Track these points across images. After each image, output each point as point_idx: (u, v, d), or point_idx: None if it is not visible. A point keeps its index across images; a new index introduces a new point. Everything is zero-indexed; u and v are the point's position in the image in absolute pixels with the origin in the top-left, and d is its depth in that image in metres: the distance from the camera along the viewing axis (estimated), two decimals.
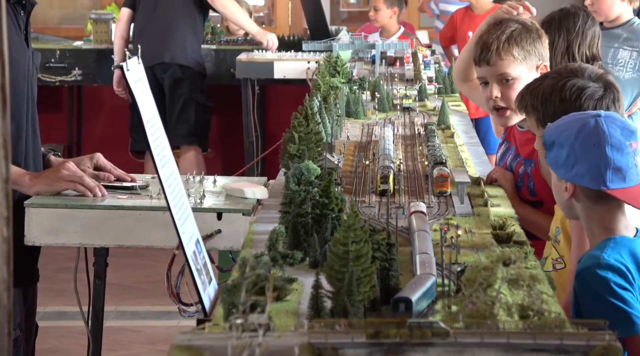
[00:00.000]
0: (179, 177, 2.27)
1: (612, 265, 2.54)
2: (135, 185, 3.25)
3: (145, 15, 7.64)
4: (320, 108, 3.73)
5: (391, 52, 6.53)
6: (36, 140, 3.37)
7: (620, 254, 2.58)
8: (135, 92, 2.13)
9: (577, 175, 2.63)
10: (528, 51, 3.59)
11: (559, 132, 2.69)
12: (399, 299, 1.92)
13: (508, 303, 1.78)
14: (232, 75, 7.54)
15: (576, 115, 2.74)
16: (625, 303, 2.52)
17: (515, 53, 3.58)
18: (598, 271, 2.54)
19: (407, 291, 1.96)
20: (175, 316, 5.95)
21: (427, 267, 2.13)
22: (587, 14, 4.60)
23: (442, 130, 4.17)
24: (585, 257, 2.63)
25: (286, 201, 2.59)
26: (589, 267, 2.56)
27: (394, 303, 1.93)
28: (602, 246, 2.60)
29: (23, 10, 3.30)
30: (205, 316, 2.14)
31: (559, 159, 2.66)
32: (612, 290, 2.52)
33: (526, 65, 3.58)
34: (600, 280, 2.53)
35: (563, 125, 2.70)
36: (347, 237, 1.93)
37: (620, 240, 2.62)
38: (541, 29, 3.69)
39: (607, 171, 2.60)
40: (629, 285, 2.55)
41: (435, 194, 3.02)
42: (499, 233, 2.61)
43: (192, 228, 2.25)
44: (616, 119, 2.68)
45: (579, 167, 2.62)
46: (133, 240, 3.09)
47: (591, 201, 2.64)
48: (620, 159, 2.61)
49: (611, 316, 2.48)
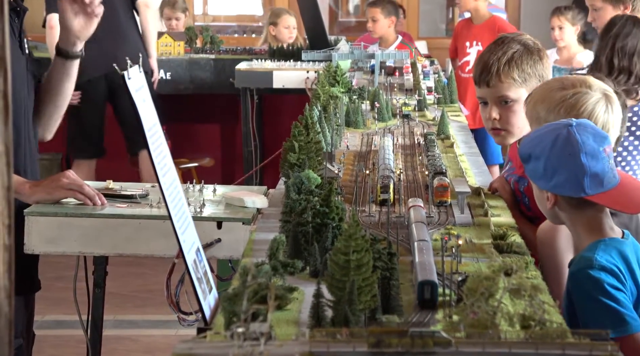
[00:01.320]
0: (180, 185, 2.27)
1: (604, 266, 2.60)
2: (135, 193, 3.25)
3: None
4: (320, 117, 3.73)
5: (390, 62, 6.54)
6: (33, 147, 3.38)
7: (612, 255, 2.63)
8: (137, 100, 2.13)
9: (557, 185, 2.69)
10: (529, 74, 3.56)
11: (534, 144, 2.75)
12: (424, 282, 2.08)
13: (510, 313, 1.78)
14: (231, 85, 7.54)
15: (549, 126, 2.79)
16: (618, 303, 2.56)
17: (516, 76, 3.55)
18: (591, 272, 2.59)
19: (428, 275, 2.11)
20: (174, 326, 5.96)
21: (425, 252, 2.26)
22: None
23: (441, 140, 4.17)
24: (577, 259, 2.68)
25: (286, 210, 2.58)
26: (582, 268, 2.61)
27: (420, 286, 2.08)
28: (594, 247, 2.65)
29: (17, 17, 3.32)
30: (206, 325, 2.14)
31: (537, 171, 2.72)
32: (605, 290, 2.57)
33: (526, 88, 3.53)
34: (594, 280, 2.58)
35: (537, 138, 2.76)
36: (348, 246, 1.93)
37: (610, 241, 2.68)
38: (543, 50, 3.66)
39: (584, 178, 2.66)
40: (622, 285, 2.60)
41: (436, 204, 3.02)
42: (500, 243, 2.61)
43: (193, 237, 2.24)
44: (588, 126, 2.74)
45: (557, 177, 2.68)
46: (133, 249, 3.09)
47: (574, 208, 2.71)
48: (596, 165, 2.67)
49: (604, 317, 2.52)
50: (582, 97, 3.00)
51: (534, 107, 3.08)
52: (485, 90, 3.60)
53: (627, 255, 2.66)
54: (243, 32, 11.95)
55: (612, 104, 3.02)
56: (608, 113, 3.00)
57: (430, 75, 6.24)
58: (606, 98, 3.01)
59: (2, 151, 1.37)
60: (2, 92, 1.35)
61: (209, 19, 12.05)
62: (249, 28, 12.13)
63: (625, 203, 2.72)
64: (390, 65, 6.51)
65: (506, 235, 2.67)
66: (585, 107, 2.99)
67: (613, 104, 3.02)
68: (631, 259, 2.67)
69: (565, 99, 3.01)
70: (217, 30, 10.22)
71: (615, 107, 3.02)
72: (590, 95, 3.01)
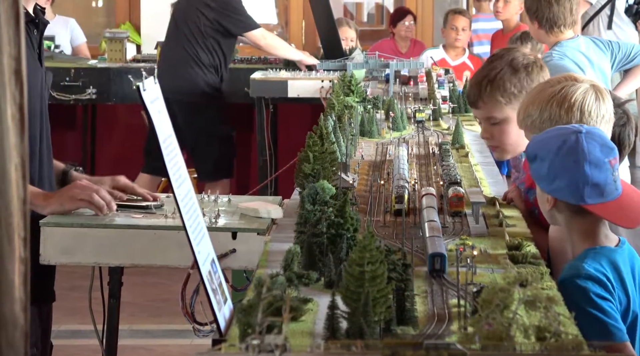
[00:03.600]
0: (195, 196, 2.28)
1: (591, 275, 2.60)
2: (150, 204, 3.25)
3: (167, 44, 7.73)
4: (334, 127, 3.73)
5: (405, 71, 6.54)
6: (50, 158, 3.39)
7: (601, 264, 2.64)
8: (152, 111, 2.13)
9: (557, 189, 2.71)
10: (512, 93, 3.57)
11: (541, 145, 2.76)
12: (434, 254, 2.39)
13: (525, 324, 1.77)
14: (246, 94, 7.54)
15: (558, 129, 2.79)
16: (603, 312, 2.57)
17: (499, 96, 3.58)
18: (577, 281, 2.60)
19: (437, 248, 2.42)
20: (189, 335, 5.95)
21: (436, 231, 2.60)
22: None
23: (456, 149, 4.17)
24: (567, 267, 2.69)
25: (301, 221, 2.58)
26: (569, 277, 2.62)
27: (431, 257, 2.39)
28: (584, 256, 2.67)
29: (36, 29, 3.33)
30: (221, 336, 2.13)
31: (540, 172, 2.74)
32: (590, 299, 2.57)
33: (512, 106, 3.54)
34: (580, 290, 2.58)
35: (545, 140, 2.77)
36: (362, 257, 1.92)
37: (601, 250, 2.69)
38: (535, 63, 3.66)
39: (585, 187, 2.67)
40: (609, 294, 2.60)
41: (450, 214, 3.02)
42: (515, 254, 2.61)
43: (208, 248, 2.25)
44: (596, 135, 2.74)
45: (558, 181, 2.69)
46: (148, 259, 3.09)
47: (571, 212, 2.72)
48: (598, 176, 2.68)
49: (589, 326, 2.51)
50: (570, 89, 3.02)
51: (526, 112, 3.10)
52: (475, 111, 3.74)
53: (618, 263, 2.66)
54: None
55: (602, 94, 3.03)
56: (600, 102, 3.01)
57: (445, 84, 6.23)
58: (594, 88, 3.03)
59: (18, 163, 1.37)
60: (19, 105, 1.36)
61: None
62: None
63: (622, 217, 2.72)
64: (405, 75, 6.51)
65: (521, 245, 2.67)
66: (575, 97, 3.01)
67: (603, 94, 3.03)
68: (622, 268, 2.66)
69: (555, 94, 3.04)
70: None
71: (606, 97, 3.03)
72: (577, 86, 3.03)
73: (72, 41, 9.23)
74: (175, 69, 7.54)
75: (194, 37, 7.57)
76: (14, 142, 1.35)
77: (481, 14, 9.69)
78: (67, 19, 9.29)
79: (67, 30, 9.16)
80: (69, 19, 9.31)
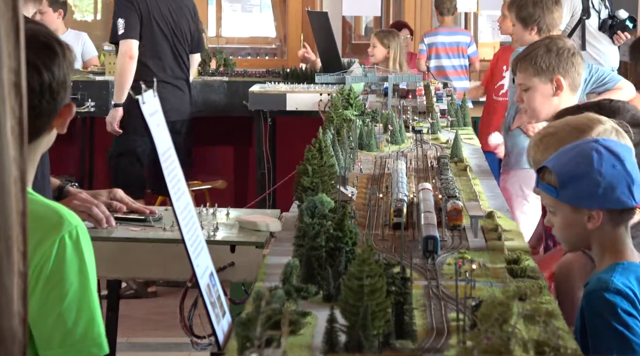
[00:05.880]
0: (194, 209, 2.27)
1: (620, 289, 2.58)
2: (148, 217, 3.25)
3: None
4: (333, 140, 3.73)
5: (403, 85, 6.54)
6: (47, 172, 3.38)
7: (629, 279, 2.62)
8: (151, 125, 2.13)
9: (610, 200, 2.67)
10: (541, 67, 4.45)
11: (573, 166, 2.71)
12: (428, 237, 2.64)
13: (524, 338, 1.77)
14: (245, 107, 7.55)
15: (575, 146, 2.77)
16: (628, 329, 2.54)
17: (529, 68, 4.48)
18: (606, 295, 2.58)
19: (431, 231, 2.68)
20: (186, 348, 5.94)
21: (430, 219, 2.81)
22: None
23: (455, 163, 4.17)
24: (594, 280, 2.66)
25: (300, 234, 2.58)
26: (598, 289, 2.60)
27: (425, 240, 2.63)
28: (611, 270, 2.64)
29: None
30: (219, 350, 2.13)
31: (580, 192, 2.68)
32: (617, 314, 2.55)
33: (539, 77, 4.46)
34: (607, 303, 2.57)
35: (574, 159, 2.73)
36: (361, 271, 1.92)
37: (629, 265, 2.66)
38: (569, 50, 4.47)
39: (633, 187, 2.67)
40: (635, 311, 2.58)
41: (449, 227, 3.02)
42: (513, 267, 2.60)
43: (206, 262, 2.25)
44: (608, 139, 2.77)
45: (609, 191, 2.66)
46: (146, 272, 3.09)
47: (613, 224, 2.69)
48: (637, 173, 2.70)
49: (612, 341, 2.52)
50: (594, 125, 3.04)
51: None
52: (516, 77, 4.62)
53: None
54: (257, 54, 11.98)
55: (622, 136, 3.05)
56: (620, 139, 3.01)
57: (443, 98, 6.24)
58: (616, 131, 3.05)
59: (17, 177, 1.37)
60: (18, 118, 1.36)
61: (222, 41, 12.09)
62: (263, 50, 12.16)
63: None
64: (404, 88, 6.51)
65: (520, 259, 2.66)
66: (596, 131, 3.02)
67: (623, 137, 3.05)
68: None
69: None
70: (231, 52, 10.25)
71: (626, 140, 3.04)
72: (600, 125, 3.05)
73: (83, 55, 9.23)
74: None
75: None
76: (13, 156, 1.35)
77: (441, 28, 9.68)
78: (80, 33, 9.29)
79: (80, 44, 9.16)
80: (81, 33, 9.31)
